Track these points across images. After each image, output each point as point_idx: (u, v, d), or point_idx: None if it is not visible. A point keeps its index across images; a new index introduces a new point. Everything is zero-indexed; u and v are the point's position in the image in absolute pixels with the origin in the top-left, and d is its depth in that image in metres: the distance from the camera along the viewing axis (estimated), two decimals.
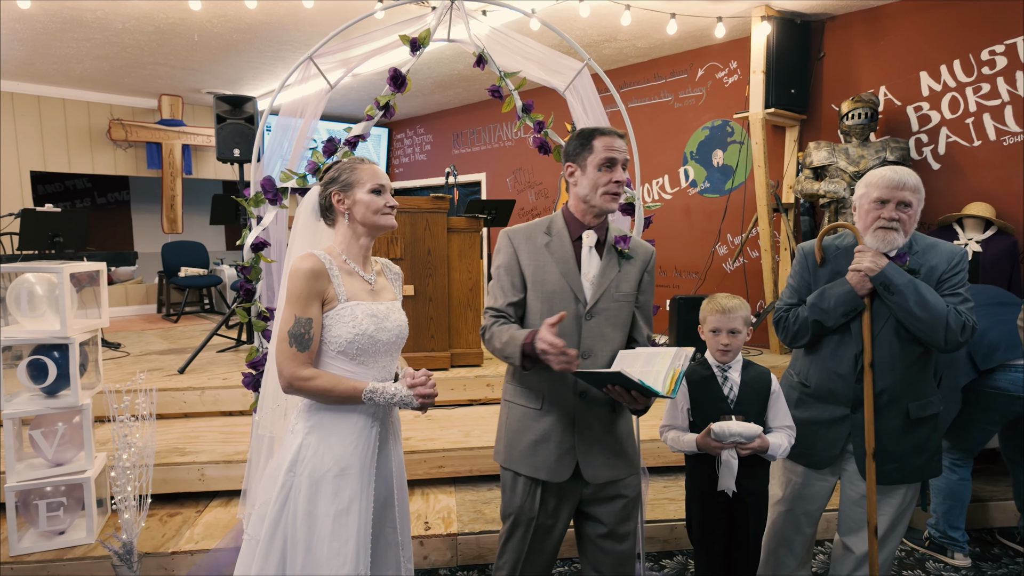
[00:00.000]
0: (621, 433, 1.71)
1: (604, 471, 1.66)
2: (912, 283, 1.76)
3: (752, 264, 4.94)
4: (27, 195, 6.33)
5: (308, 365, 1.49)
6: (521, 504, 1.68)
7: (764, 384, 1.87)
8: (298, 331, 1.47)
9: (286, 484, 1.51)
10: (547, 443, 1.64)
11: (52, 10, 4.20)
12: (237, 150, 4.20)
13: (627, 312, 1.69)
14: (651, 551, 2.72)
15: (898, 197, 1.77)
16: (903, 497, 1.91)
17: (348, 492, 1.50)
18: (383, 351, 1.57)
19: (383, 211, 1.58)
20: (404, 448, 3.00)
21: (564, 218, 1.70)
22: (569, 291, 1.63)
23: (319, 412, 1.54)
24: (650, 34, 4.85)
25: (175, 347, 4.81)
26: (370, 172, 1.59)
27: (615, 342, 1.66)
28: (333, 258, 1.56)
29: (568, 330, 1.62)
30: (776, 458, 1.84)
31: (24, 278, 2.44)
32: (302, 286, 1.48)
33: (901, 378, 1.84)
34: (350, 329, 1.50)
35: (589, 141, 1.62)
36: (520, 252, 1.68)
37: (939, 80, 3.95)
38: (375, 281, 1.64)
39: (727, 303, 1.85)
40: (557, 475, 1.63)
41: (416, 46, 2.07)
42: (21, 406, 2.39)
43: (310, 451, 1.51)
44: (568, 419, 1.64)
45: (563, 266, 1.64)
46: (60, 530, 2.50)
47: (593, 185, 1.61)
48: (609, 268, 1.66)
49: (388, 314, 1.59)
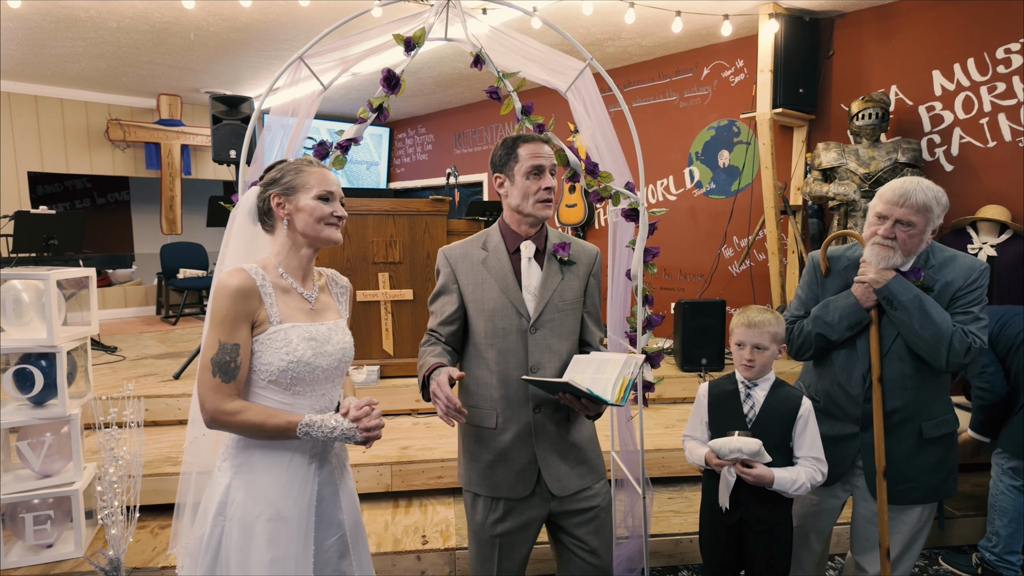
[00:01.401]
0: (582, 441, 1.68)
1: (571, 481, 1.63)
2: (918, 299, 1.68)
3: (759, 267, 4.84)
4: (25, 196, 6.27)
5: (234, 397, 1.32)
6: (482, 523, 1.66)
7: (790, 407, 1.73)
8: (222, 359, 1.30)
9: (215, 529, 1.35)
10: (505, 461, 1.61)
11: (44, 9, 4.14)
12: (233, 151, 4.13)
13: (573, 320, 1.67)
14: (655, 566, 2.64)
15: (896, 215, 1.69)
16: (918, 517, 1.84)
17: (284, 536, 1.35)
18: (322, 378, 1.41)
19: (328, 220, 1.41)
20: (402, 458, 2.96)
21: (500, 231, 1.67)
22: (510, 306, 1.60)
23: (247, 449, 1.38)
24: (655, 32, 4.75)
25: (172, 351, 4.74)
26: (319, 176, 1.42)
27: (563, 352, 1.63)
28: (267, 272, 1.39)
29: (513, 345, 1.59)
30: (789, 494, 1.69)
31: (10, 285, 2.37)
32: (227, 307, 1.31)
33: (914, 397, 1.77)
34: (283, 356, 1.34)
35: (513, 150, 1.60)
36: (458, 271, 1.65)
37: (952, 79, 3.85)
38: (316, 299, 1.46)
39: (756, 317, 1.74)
40: (517, 491, 1.61)
41: (411, 46, 1.98)
42: (7, 416, 2.33)
43: (240, 493, 1.35)
44: (525, 434, 1.61)
45: (502, 282, 1.61)
46: (48, 543, 2.44)
47: (523, 194, 1.58)
48: (551, 278, 1.63)
49: (329, 336, 1.42)
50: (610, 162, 2.13)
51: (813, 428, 1.73)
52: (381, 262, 3.81)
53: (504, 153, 1.62)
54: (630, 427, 2.42)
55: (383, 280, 3.82)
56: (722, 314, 3.98)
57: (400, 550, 2.50)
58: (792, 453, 1.73)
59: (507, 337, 1.59)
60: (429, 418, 3.58)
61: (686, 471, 3.09)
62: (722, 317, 3.98)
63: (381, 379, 3.78)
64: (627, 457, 2.42)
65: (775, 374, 1.80)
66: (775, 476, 1.66)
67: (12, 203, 6.14)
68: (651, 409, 3.66)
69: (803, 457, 1.72)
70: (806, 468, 1.70)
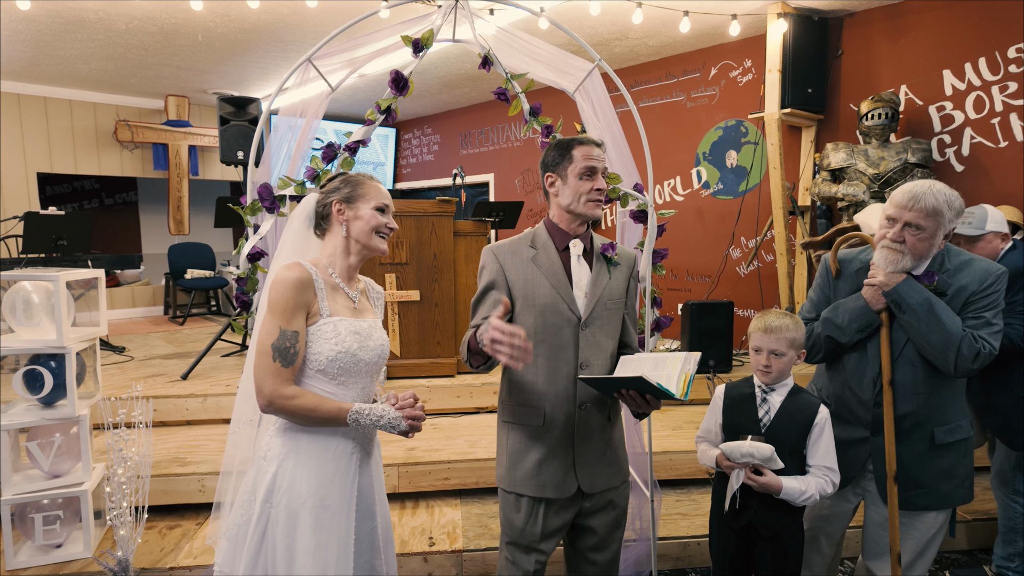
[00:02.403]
0: (615, 441, 1.71)
1: (600, 480, 1.65)
2: (927, 302, 1.66)
3: (767, 268, 4.82)
4: (34, 197, 6.31)
5: (291, 382, 1.40)
6: (523, 527, 1.64)
7: (806, 415, 1.71)
8: (283, 344, 1.39)
9: (262, 516, 1.41)
10: (552, 460, 1.61)
11: (53, 11, 4.16)
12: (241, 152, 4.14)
13: (618, 319, 1.69)
14: (663, 568, 2.63)
15: (905, 218, 1.67)
16: (931, 523, 1.81)
17: (328, 523, 1.41)
18: (364, 371, 1.50)
19: (381, 231, 1.53)
20: (408, 459, 2.96)
21: (548, 229, 1.69)
22: (562, 303, 1.61)
23: (296, 434, 1.45)
24: (662, 32, 4.74)
25: (180, 351, 4.76)
26: (376, 190, 1.54)
27: (608, 350, 1.66)
28: (319, 270, 1.48)
29: (564, 342, 1.60)
30: (797, 503, 1.67)
31: (20, 286, 2.38)
32: (289, 296, 1.40)
33: (926, 402, 1.74)
34: (332, 346, 1.43)
35: (568, 151, 1.63)
36: (507, 268, 1.65)
37: (963, 79, 3.81)
38: (358, 300, 1.57)
39: (773, 322, 1.73)
40: (564, 490, 1.61)
41: (419, 47, 1.98)
42: (17, 417, 2.33)
43: (287, 479, 1.42)
44: (569, 433, 1.62)
45: (553, 278, 1.62)
46: (57, 543, 2.45)
47: (576, 194, 1.61)
48: (600, 276, 1.65)
49: (371, 332, 1.52)
50: (618, 163, 2.12)
51: (828, 437, 1.71)
52: (388, 263, 3.81)
53: (558, 154, 1.64)
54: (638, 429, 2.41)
55: (390, 281, 3.82)
56: (730, 315, 3.96)
57: (407, 552, 2.50)
58: (805, 461, 1.72)
59: (558, 333, 1.60)
60: (436, 419, 3.57)
61: (694, 473, 3.07)
62: (730, 318, 3.95)
63: (388, 380, 3.78)
64: (635, 459, 2.41)
65: (793, 379, 1.78)
66: (783, 485, 1.65)
67: (22, 204, 6.18)
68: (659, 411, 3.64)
69: (815, 466, 1.70)
70: (816, 478, 1.68)
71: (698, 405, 3.73)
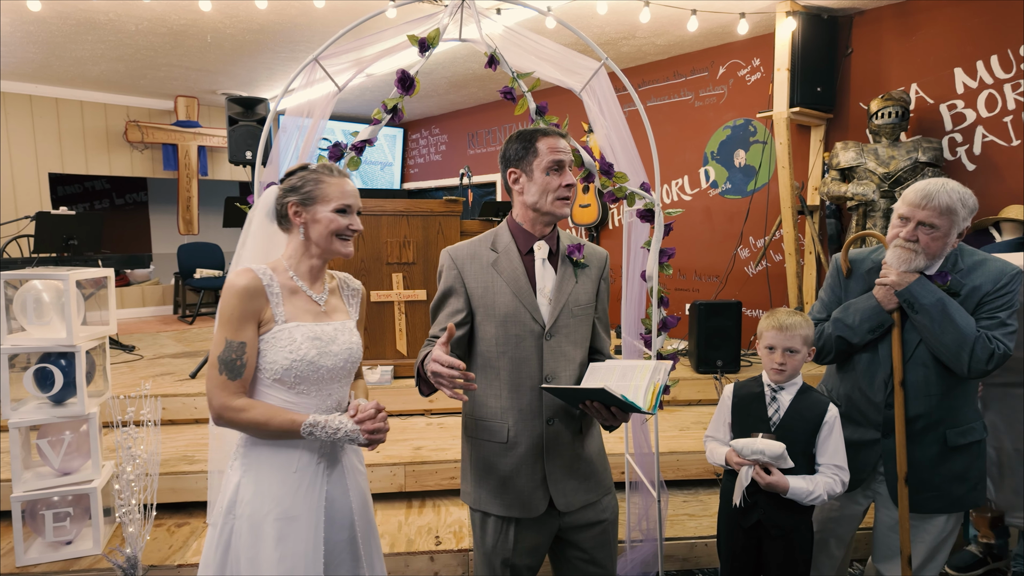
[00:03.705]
0: (591, 455, 1.60)
1: (576, 496, 1.55)
2: (940, 302, 1.64)
3: (776, 268, 4.79)
4: (46, 197, 6.37)
5: (240, 395, 1.34)
6: (493, 546, 1.55)
7: (816, 413, 1.70)
8: (229, 356, 1.33)
9: (226, 528, 1.37)
10: (517, 478, 1.51)
11: (64, 12, 4.20)
12: (249, 152, 4.17)
13: (587, 326, 1.59)
14: (670, 569, 2.62)
15: (919, 217, 1.65)
16: (942, 526, 1.80)
17: (293, 535, 1.35)
18: (328, 378, 1.41)
19: (343, 234, 1.42)
20: (415, 458, 2.96)
21: (511, 230, 1.57)
22: (524, 312, 1.50)
23: (256, 448, 1.39)
24: (669, 31, 4.72)
25: (189, 350, 4.79)
26: (338, 188, 1.41)
27: (576, 360, 1.55)
28: (276, 273, 1.40)
29: (527, 353, 1.50)
30: (804, 503, 1.66)
31: (31, 285, 2.40)
32: (234, 305, 1.33)
33: (939, 404, 1.72)
34: (287, 355, 1.35)
35: (532, 143, 1.51)
36: (465, 273, 1.54)
37: (975, 77, 3.77)
38: (325, 301, 1.47)
39: (786, 319, 1.71)
40: (532, 510, 1.52)
41: (425, 47, 1.98)
42: (28, 415, 2.36)
43: (248, 491, 1.36)
44: (537, 449, 1.52)
45: (514, 285, 1.51)
46: (67, 540, 2.47)
47: (542, 190, 1.49)
48: (565, 281, 1.54)
49: (335, 336, 1.43)
50: (625, 162, 2.12)
51: (838, 435, 1.70)
52: (395, 263, 3.82)
53: (521, 147, 1.53)
54: (644, 430, 2.40)
55: (397, 280, 3.82)
56: (738, 315, 3.94)
57: (414, 551, 2.50)
58: (814, 460, 1.71)
59: (520, 344, 1.50)
60: (443, 418, 3.58)
61: (701, 474, 3.05)
62: (738, 318, 3.93)
63: (395, 379, 3.79)
64: (642, 460, 2.40)
65: (803, 378, 1.77)
66: (790, 485, 1.64)
67: (33, 204, 6.24)
68: (666, 411, 3.63)
69: (825, 464, 1.69)
70: (825, 477, 1.67)
71: (705, 406, 3.71)
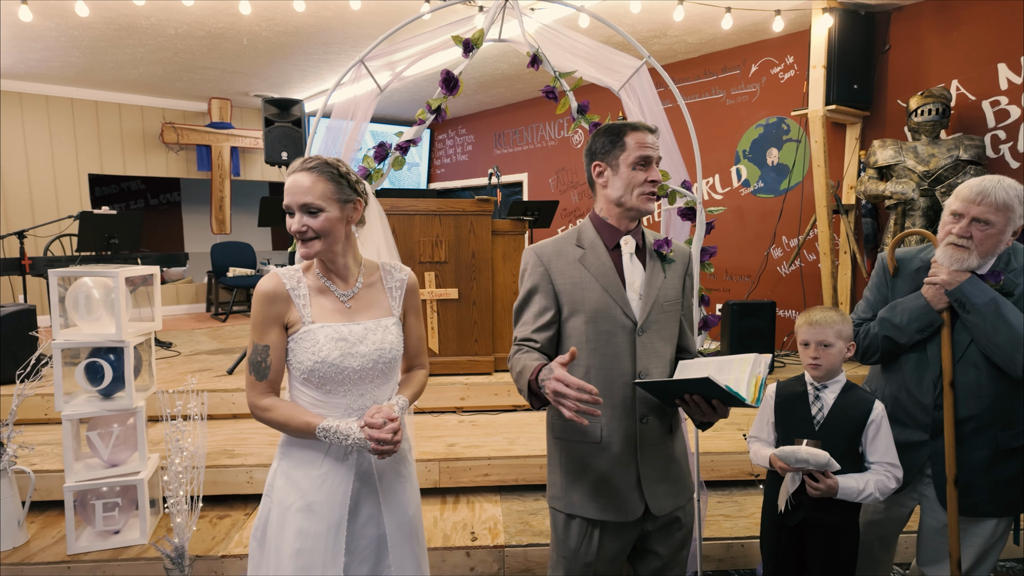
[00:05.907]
0: (679, 456, 1.57)
1: (668, 500, 1.51)
2: (994, 302, 1.61)
3: (809, 268, 4.72)
4: (85, 197, 6.55)
5: (267, 394, 1.40)
6: (576, 550, 1.50)
7: (860, 412, 1.67)
8: (255, 359, 1.39)
9: (265, 505, 1.45)
10: (612, 480, 1.46)
11: (109, 17, 4.32)
12: (285, 153, 4.24)
13: (675, 322, 1.55)
14: (706, 570, 2.60)
15: (973, 213, 1.62)
16: (992, 530, 1.76)
17: (313, 529, 1.38)
18: (355, 378, 1.41)
19: (297, 237, 1.38)
20: (449, 455, 2.98)
21: (595, 226, 1.54)
22: (615, 307, 1.46)
23: (290, 441, 1.46)
24: (702, 29, 4.68)
25: (224, 347, 4.89)
26: (288, 188, 1.38)
27: (667, 357, 1.52)
28: (307, 275, 1.43)
29: (619, 350, 1.46)
30: (855, 500, 1.64)
31: (82, 282, 2.47)
32: (258, 311, 1.39)
33: (991, 405, 1.68)
34: (310, 356, 1.37)
35: (620, 137, 1.48)
36: (552, 270, 1.50)
37: (1020, 72, 3.68)
38: (355, 297, 1.46)
39: (818, 315, 1.71)
40: (629, 513, 1.47)
41: (469, 47, 2.00)
42: (79, 407, 2.43)
43: (281, 480, 1.43)
44: (631, 448, 1.48)
45: (604, 280, 1.47)
46: (115, 530, 2.54)
47: (628, 185, 1.46)
48: (654, 276, 1.51)
49: (364, 336, 1.41)
50: (666, 160, 2.11)
51: (886, 432, 1.67)
52: (427, 261, 3.86)
53: (608, 140, 1.49)
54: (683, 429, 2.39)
55: (429, 279, 3.86)
56: (772, 316, 3.90)
57: (450, 546, 2.53)
58: (861, 458, 1.68)
59: (611, 341, 1.45)
60: (474, 416, 3.60)
61: (735, 475, 3.03)
62: (772, 319, 3.89)
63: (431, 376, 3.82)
64: None
65: (846, 376, 1.75)
66: (839, 485, 1.62)
67: (74, 204, 6.43)
68: None
69: (876, 462, 1.67)
70: (876, 475, 1.65)
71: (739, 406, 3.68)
